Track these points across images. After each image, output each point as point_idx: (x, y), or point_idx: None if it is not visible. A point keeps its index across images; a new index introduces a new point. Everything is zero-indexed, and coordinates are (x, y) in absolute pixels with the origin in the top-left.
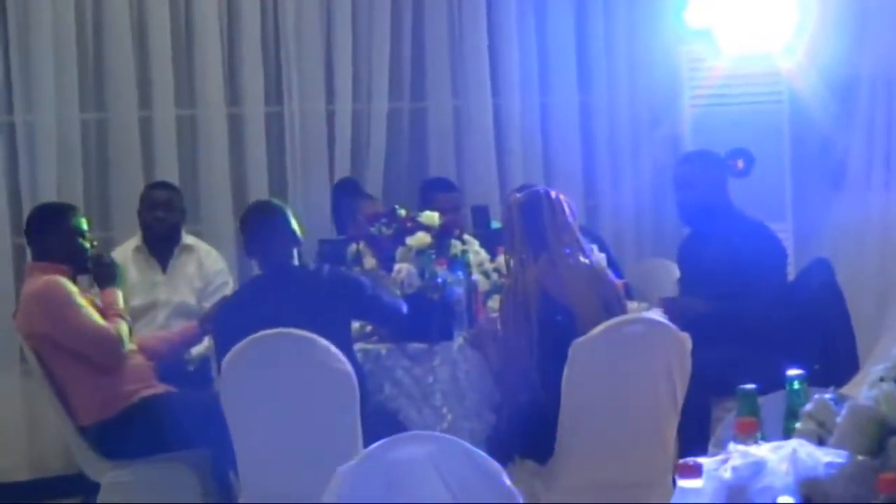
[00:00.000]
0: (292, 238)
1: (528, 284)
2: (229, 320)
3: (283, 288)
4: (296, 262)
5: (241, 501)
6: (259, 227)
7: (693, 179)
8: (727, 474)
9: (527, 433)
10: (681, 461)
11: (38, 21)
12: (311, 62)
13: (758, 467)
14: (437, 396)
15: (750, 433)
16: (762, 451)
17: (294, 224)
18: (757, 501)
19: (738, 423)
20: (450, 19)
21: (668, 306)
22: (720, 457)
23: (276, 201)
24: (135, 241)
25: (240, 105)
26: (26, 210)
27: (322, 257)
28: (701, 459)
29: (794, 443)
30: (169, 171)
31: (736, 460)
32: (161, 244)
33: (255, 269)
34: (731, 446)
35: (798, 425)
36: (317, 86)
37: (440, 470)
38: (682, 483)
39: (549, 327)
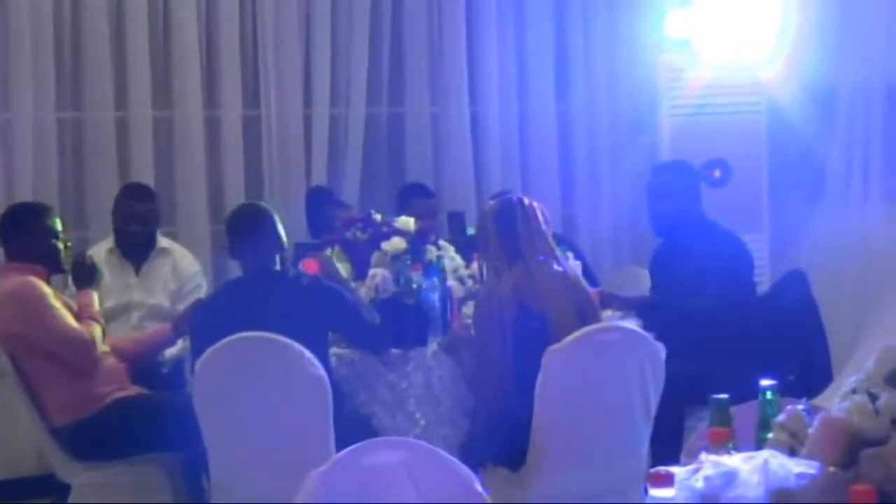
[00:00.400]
0: (277, 243)
1: (502, 291)
2: (206, 321)
3: (262, 292)
4: (277, 267)
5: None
6: (245, 229)
7: (667, 190)
8: (699, 484)
9: (500, 440)
10: (652, 470)
11: (15, 19)
12: (290, 66)
13: (729, 477)
14: (410, 402)
15: (722, 443)
16: (734, 461)
17: (280, 229)
18: None
19: (710, 433)
20: (429, 25)
21: (626, 301)
22: (692, 466)
23: (264, 204)
24: (108, 242)
25: (217, 107)
26: (1, 209)
27: (298, 261)
28: (673, 469)
29: (765, 453)
30: (145, 172)
31: (708, 470)
32: (135, 249)
33: (232, 272)
34: (703, 456)
35: (770, 436)
36: (294, 89)
37: (413, 476)
38: (654, 492)
39: (523, 334)
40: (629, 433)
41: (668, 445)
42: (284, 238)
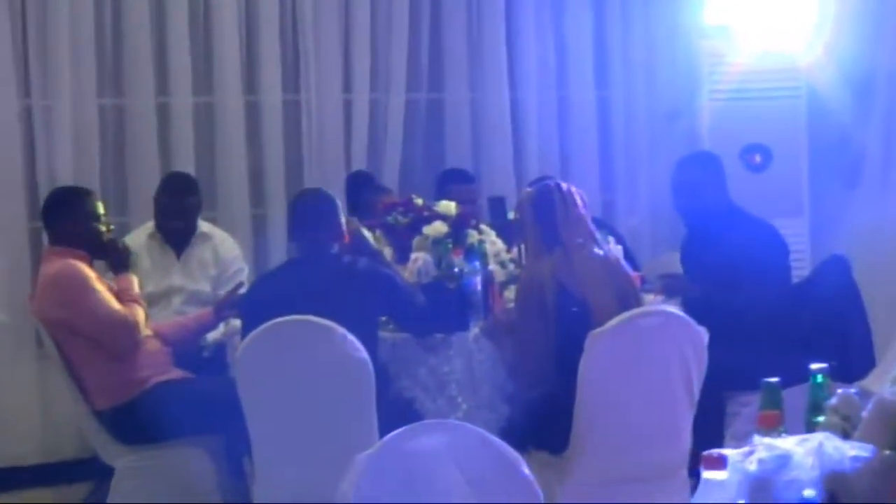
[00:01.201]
0: (336, 230)
1: (543, 276)
2: (258, 303)
3: (316, 275)
4: (334, 252)
5: (254, 487)
6: (307, 213)
7: (693, 184)
8: (752, 467)
9: (542, 424)
10: (705, 452)
11: (56, 6)
12: (329, 51)
13: (783, 460)
14: (452, 386)
15: (773, 426)
16: (788, 443)
17: (342, 218)
18: (782, 495)
19: (761, 417)
20: (468, 11)
21: (668, 283)
22: (745, 449)
23: (328, 191)
24: (149, 227)
25: (257, 93)
26: (43, 194)
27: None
28: (725, 451)
29: (819, 436)
30: (185, 158)
31: (761, 453)
32: (176, 235)
33: (272, 256)
34: (757, 439)
35: (822, 419)
36: (334, 75)
37: (458, 459)
38: (707, 474)
39: (564, 318)
40: (671, 418)
41: (709, 430)
42: (344, 226)
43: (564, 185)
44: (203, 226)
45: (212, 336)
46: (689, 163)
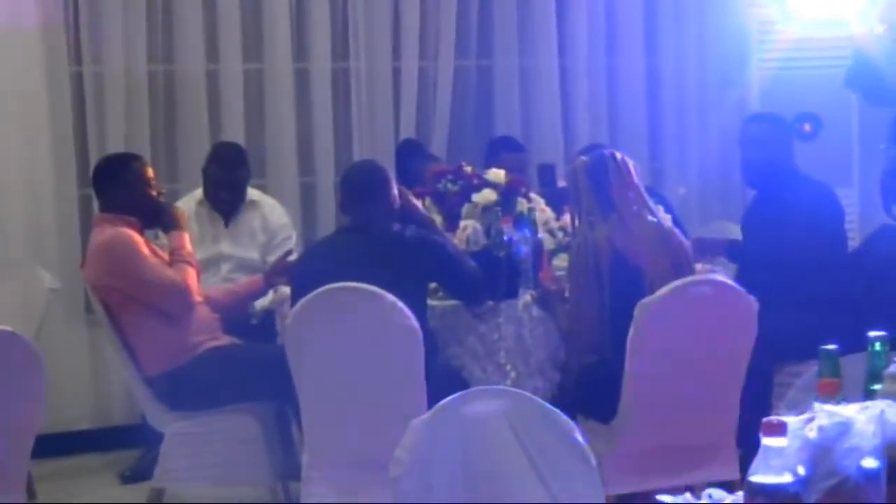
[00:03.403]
0: (388, 201)
1: (597, 243)
2: (309, 270)
3: (366, 243)
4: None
5: (303, 454)
6: (359, 185)
7: (761, 139)
8: (812, 434)
9: (591, 392)
10: (765, 419)
11: None
12: (378, 18)
13: (844, 427)
14: (501, 354)
15: (832, 394)
16: (849, 411)
17: (394, 188)
18: (842, 462)
19: (820, 384)
20: None
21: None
22: (805, 416)
23: (379, 163)
24: (198, 193)
25: (307, 60)
26: (93, 161)
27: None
28: (785, 418)
29: (881, 404)
30: (235, 125)
31: (822, 420)
32: (225, 205)
33: (321, 224)
34: (817, 406)
35: (880, 387)
36: (383, 42)
37: (513, 425)
38: (767, 441)
39: (619, 286)
40: (721, 387)
41: (758, 400)
42: (396, 198)
43: (618, 155)
44: (252, 193)
45: (260, 303)
46: (756, 119)
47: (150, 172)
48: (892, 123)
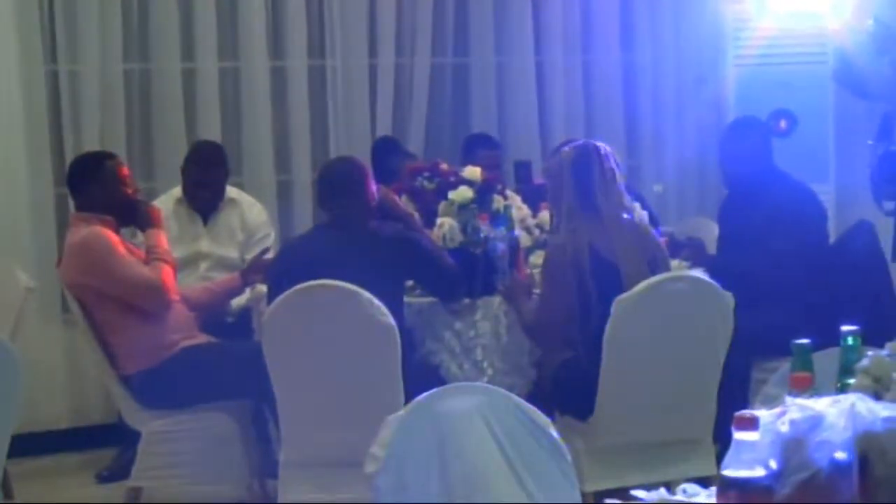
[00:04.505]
0: (365, 198)
1: (576, 240)
2: (285, 268)
3: (343, 240)
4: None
5: (280, 452)
6: (336, 181)
7: (738, 152)
8: (784, 427)
9: (568, 389)
10: (737, 413)
11: None
12: (355, 16)
13: (816, 421)
14: (477, 351)
15: (805, 388)
16: (820, 404)
17: (371, 185)
18: (814, 455)
19: (792, 378)
20: None
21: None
22: (777, 410)
23: (358, 159)
24: (176, 192)
25: (283, 58)
26: (69, 160)
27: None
28: (757, 412)
29: (852, 397)
30: (211, 124)
31: (793, 413)
32: (204, 203)
33: (297, 222)
34: (789, 400)
35: (853, 381)
36: (360, 40)
37: (489, 421)
38: (739, 435)
39: (596, 283)
40: (697, 383)
41: (735, 396)
42: (374, 194)
43: (602, 147)
44: (231, 191)
45: (236, 301)
46: (736, 133)
47: (126, 171)
48: (883, 120)
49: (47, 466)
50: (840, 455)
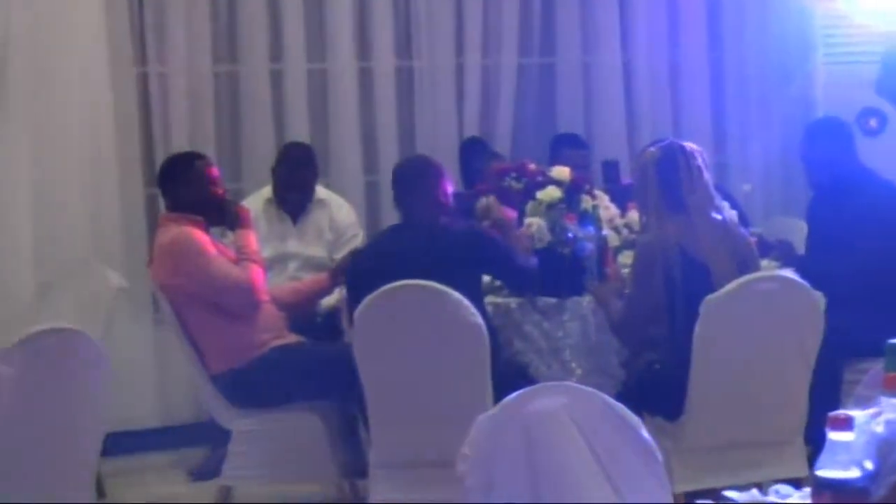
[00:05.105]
0: (438, 196)
1: (665, 240)
2: (362, 269)
3: (418, 240)
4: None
5: (370, 452)
6: (407, 180)
7: (822, 156)
8: (879, 428)
9: (657, 390)
10: (832, 413)
11: None
12: (441, 16)
13: None
14: (566, 351)
15: None
16: None
17: (446, 184)
18: None
19: (887, 378)
20: None
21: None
22: (872, 410)
23: (432, 158)
24: (266, 192)
25: (370, 59)
26: (159, 161)
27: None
28: (852, 412)
29: None
30: (299, 125)
31: (889, 414)
32: (293, 204)
33: (385, 222)
34: (884, 400)
35: None
36: (446, 40)
37: (578, 421)
38: (833, 435)
39: (685, 283)
40: (788, 384)
41: (827, 397)
42: (449, 192)
43: (688, 146)
44: (320, 192)
45: (326, 301)
46: (819, 136)
47: (215, 171)
48: None
49: (137, 465)
50: None
